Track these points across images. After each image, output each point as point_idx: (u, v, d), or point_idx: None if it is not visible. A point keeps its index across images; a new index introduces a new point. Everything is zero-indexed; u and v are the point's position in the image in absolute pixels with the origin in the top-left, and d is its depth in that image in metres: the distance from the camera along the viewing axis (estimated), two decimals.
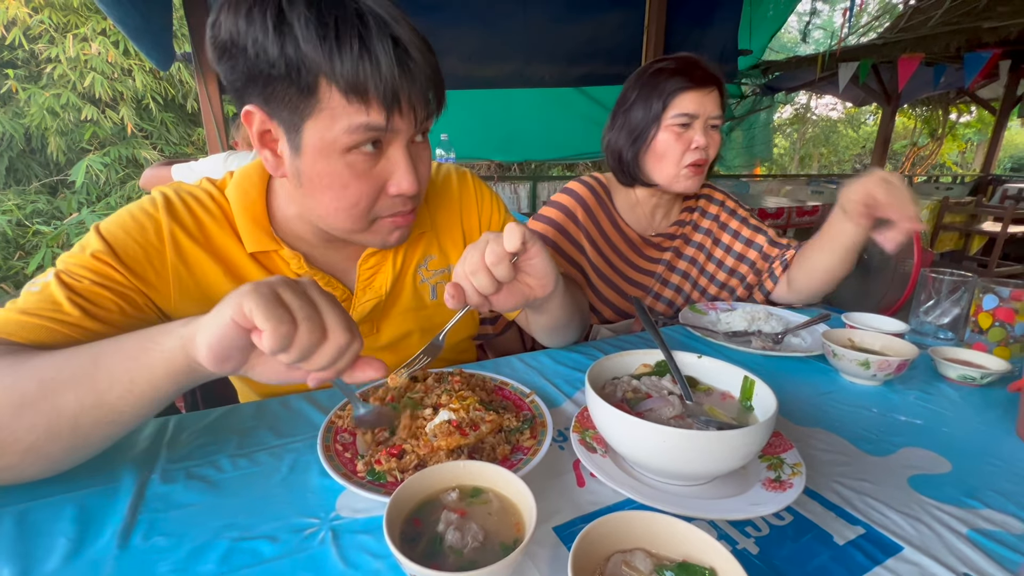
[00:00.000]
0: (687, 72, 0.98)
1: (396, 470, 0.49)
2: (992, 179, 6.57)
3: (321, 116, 0.53)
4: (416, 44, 0.53)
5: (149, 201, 0.65)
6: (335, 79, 0.51)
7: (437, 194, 0.82)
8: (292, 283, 0.43)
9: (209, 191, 0.69)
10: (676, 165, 1.02)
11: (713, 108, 1.00)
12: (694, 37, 3.84)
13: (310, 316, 0.42)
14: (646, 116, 1.01)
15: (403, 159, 0.59)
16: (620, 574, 0.37)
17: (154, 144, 5.89)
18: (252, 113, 0.56)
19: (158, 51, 2.69)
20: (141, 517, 0.45)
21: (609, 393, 0.58)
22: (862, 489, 0.51)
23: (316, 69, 0.50)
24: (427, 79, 0.55)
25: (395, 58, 0.51)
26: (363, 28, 0.50)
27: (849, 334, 0.82)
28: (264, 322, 0.40)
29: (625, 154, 1.06)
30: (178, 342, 0.44)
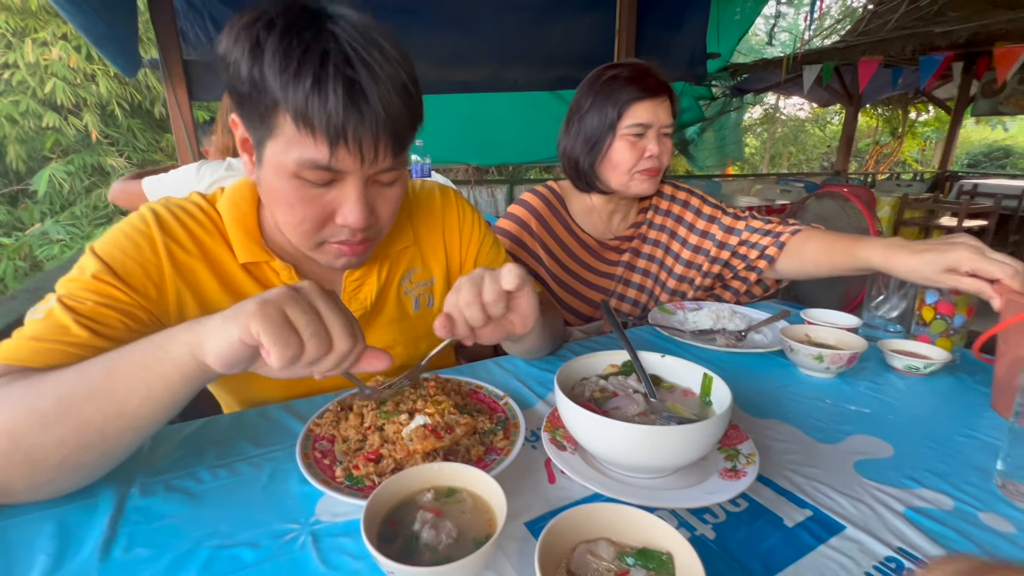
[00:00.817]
0: (640, 81, 1.01)
1: (373, 474, 0.51)
2: (949, 175, 6.87)
3: (278, 140, 0.56)
4: (382, 90, 0.54)
5: (139, 219, 0.66)
6: (287, 107, 0.53)
7: (420, 209, 0.84)
8: (297, 296, 0.45)
9: (200, 204, 0.71)
10: (629, 173, 1.05)
11: (665, 117, 1.04)
12: (664, 41, 3.93)
13: (316, 332, 0.44)
14: (601, 125, 1.04)
15: (354, 194, 0.60)
16: (585, 562, 0.39)
17: (121, 151, 5.74)
18: (236, 122, 0.62)
19: (124, 58, 2.63)
20: (121, 530, 0.46)
21: (578, 393, 0.61)
22: (811, 475, 0.55)
23: (273, 94, 0.53)
24: (383, 124, 0.55)
25: (345, 98, 0.53)
26: (320, 66, 0.52)
27: (806, 330, 0.87)
28: (272, 346, 0.42)
29: (582, 162, 1.09)
30: (186, 349, 0.46)
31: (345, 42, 0.53)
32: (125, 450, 0.50)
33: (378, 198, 0.64)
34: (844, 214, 2.03)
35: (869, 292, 0.95)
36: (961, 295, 0.81)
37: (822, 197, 2.39)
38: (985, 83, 5.98)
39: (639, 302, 1.23)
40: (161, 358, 0.47)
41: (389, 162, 0.60)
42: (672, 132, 1.07)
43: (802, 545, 0.45)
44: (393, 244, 0.78)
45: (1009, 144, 14.63)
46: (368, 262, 0.75)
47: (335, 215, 0.61)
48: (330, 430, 0.59)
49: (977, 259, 0.74)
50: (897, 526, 0.48)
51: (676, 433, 0.47)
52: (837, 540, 0.46)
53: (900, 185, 6.25)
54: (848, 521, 0.48)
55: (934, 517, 0.49)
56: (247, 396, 0.75)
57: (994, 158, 14.19)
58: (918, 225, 4.66)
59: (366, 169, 0.59)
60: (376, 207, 0.64)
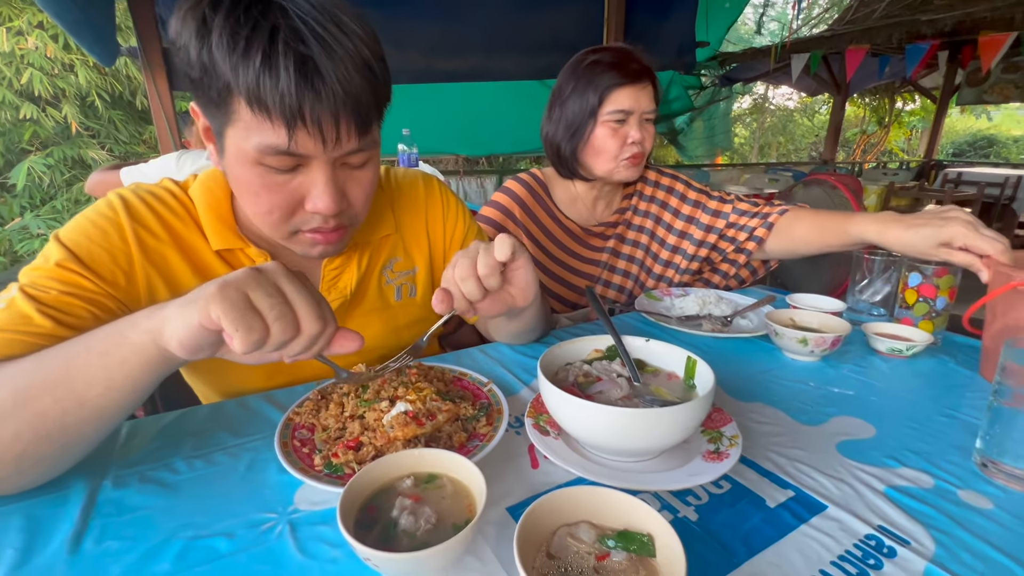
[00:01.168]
0: (622, 66, 1.00)
1: (353, 462, 0.50)
2: (934, 164, 6.95)
3: (237, 126, 0.54)
4: (339, 66, 0.51)
5: (106, 205, 0.64)
6: (240, 90, 0.51)
7: (403, 198, 0.83)
8: (260, 278, 0.43)
9: (171, 190, 0.68)
10: (614, 160, 1.04)
11: (647, 103, 1.02)
12: (653, 29, 3.91)
13: (281, 315, 0.42)
14: (582, 111, 1.02)
15: (322, 179, 0.57)
16: (565, 545, 0.39)
17: (102, 143, 5.61)
18: (196, 110, 0.59)
19: (100, 46, 2.57)
20: (92, 523, 0.45)
21: (561, 378, 0.61)
22: (794, 456, 0.55)
23: (224, 77, 0.50)
24: (343, 103, 0.52)
25: (297, 75, 0.50)
26: (270, 42, 0.49)
27: (791, 314, 0.87)
28: (234, 331, 0.40)
29: (564, 149, 1.07)
30: (147, 335, 0.44)
31: (296, 16, 0.50)
32: (89, 442, 0.49)
33: (349, 181, 0.61)
34: (831, 202, 2.04)
35: (853, 277, 0.96)
36: (944, 277, 0.81)
37: (809, 185, 2.40)
38: (970, 72, 6.03)
39: (624, 288, 1.22)
40: (120, 344, 0.45)
41: (355, 143, 0.57)
42: (655, 117, 1.06)
43: (784, 525, 0.45)
44: (374, 232, 0.77)
45: (993, 133, 14.81)
46: (348, 250, 0.74)
47: (304, 202, 0.59)
48: (310, 419, 0.58)
49: (971, 235, 0.76)
50: (877, 504, 0.48)
51: (658, 416, 0.47)
52: (818, 519, 0.46)
53: (886, 174, 6.30)
54: (829, 501, 0.48)
55: (914, 495, 0.49)
56: (226, 387, 0.74)
57: (978, 147, 14.36)
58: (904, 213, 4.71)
59: (331, 151, 0.56)
60: (348, 191, 0.61)
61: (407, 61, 3.56)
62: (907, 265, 0.85)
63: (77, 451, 0.49)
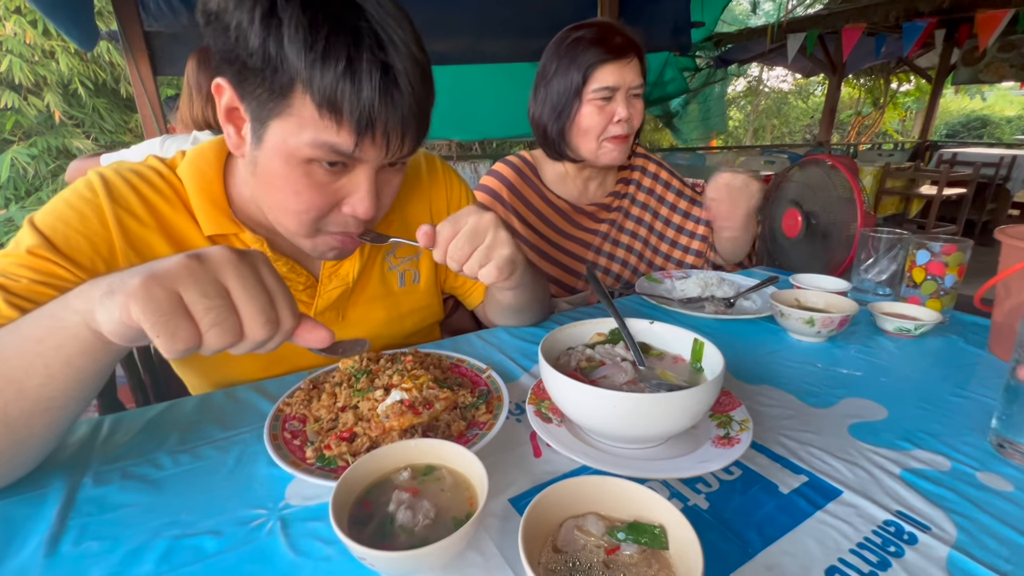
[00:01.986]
0: (605, 42, 0.96)
1: (347, 454, 0.48)
2: (929, 145, 6.92)
3: (289, 120, 0.50)
4: (411, 74, 0.50)
5: (85, 185, 0.59)
6: (311, 90, 0.48)
7: (406, 181, 0.79)
8: (198, 272, 0.36)
9: (157, 169, 0.64)
10: (597, 139, 1.02)
11: (634, 78, 0.99)
12: (647, 9, 3.82)
13: (217, 321, 0.36)
14: (567, 90, 1.00)
15: (366, 183, 0.56)
16: (572, 539, 0.37)
17: (87, 132, 5.49)
18: (223, 88, 0.54)
19: (79, 29, 2.48)
20: (71, 523, 0.43)
21: (564, 363, 0.58)
22: (806, 440, 0.53)
23: (294, 74, 0.47)
24: (411, 112, 0.52)
25: (380, 86, 0.48)
26: (355, 47, 0.47)
27: (796, 294, 0.85)
28: (154, 336, 0.35)
29: (550, 129, 1.05)
30: (79, 319, 0.40)
31: (375, 19, 0.48)
32: (44, 439, 0.45)
33: (385, 186, 0.60)
34: (830, 181, 2.01)
35: (858, 256, 0.93)
36: (953, 254, 0.79)
37: (806, 166, 2.37)
38: (966, 51, 5.96)
39: (621, 276, 1.21)
40: (54, 328, 0.41)
41: (409, 151, 0.56)
42: (643, 92, 1.03)
43: (799, 512, 0.44)
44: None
45: (987, 113, 14.79)
46: None
47: (342, 204, 0.57)
48: (301, 410, 0.55)
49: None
50: (894, 489, 0.46)
51: (666, 400, 0.44)
52: (834, 505, 0.44)
53: (881, 155, 6.28)
54: (844, 486, 0.46)
55: (931, 478, 0.48)
56: (218, 378, 0.71)
57: (972, 128, 14.34)
58: (899, 194, 4.69)
59: (388, 157, 0.54)
60: (381, 195, 0.60)
61: None
62: (915, 243, 0.83)
63: (32, 448, 0.45)
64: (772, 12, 8.64)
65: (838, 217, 2.04)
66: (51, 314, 0.41)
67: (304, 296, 0.70)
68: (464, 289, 0.88)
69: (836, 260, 1.97)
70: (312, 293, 0.70)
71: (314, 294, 0.71)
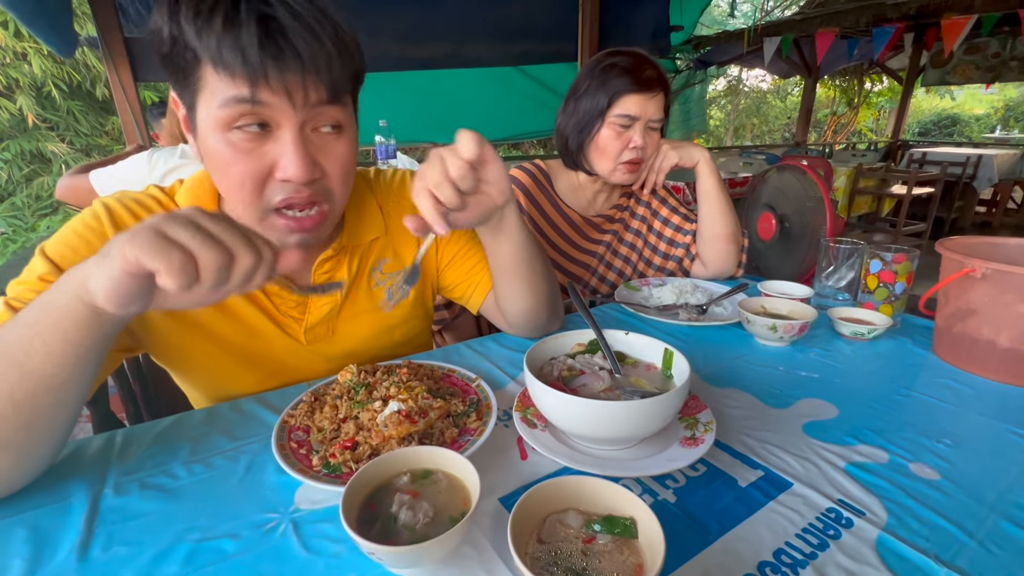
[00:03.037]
0: (635, 73, 1.03)
1: (351, 461, 0.52)
2: (901, 144, 7.14)
3: (204, 93, 0.55)
4: (303, 26, 0.52)
5: (91, 215, 0.64)
6: (205, 53, 0.52)
7: (392, 198, 0.82)
8: (173, 216, 0.42)
9: (157, 197, 0.69)
10: (614, 160, 1.09)
11: (655, 111, 1.07)
12: (627, 13, 3.89)
13: (204, 243, 0.42)
14: (592, 110, 1.07)
15: (291, 142, 0.56)
16: (555, 531, 0.42)
17: (62, 136, 5.39)
18: (176, 100, 0.60)
19: (57, 36, 2.46)
20: (98, 530, 0.47)
21: (547, 373, 0.63)
22: (764, 438, 0.59)
23: (192, 45, 0.52)
24: (310, 62, 0.53)
25: (260, 32, 0.51)
26: (232, 6, 0.51)
27: (762, 302, 0.92)
28: (156, 266, 0.40)
29: (571, 142, 1.12)
30: (72, 295, 0.44)
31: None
32: (53, 423, 0.49)
33: (322, 151, 0.59)
34: (802, 187, 2.10)
35: (820, 264, 1.00)
36: (902, 263, 0.87)
37: (782, 171, 2.46)
38: (934, 53, 6.18)
39: (615, 286, 1.27)
40: (49, 310, 0.45)
41: (325, 101, 0.56)
42: (661, 125, 1.11)
43: (754, 503, 0.49)
44: (364, 235, 0.78)
45: (956, 112, 15.26)
46: (339, 255, 0.75)
47: (275, 170, 0.57)
48: (305, 420, 0.60)
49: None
50: (838, 480, 0.53)
51: (638, 407, 0.50)
52: (785, 496, 0.50)
53: (855, 155, 6.45)
54: (795, 478, 0.53)
55: (870, 470, 0.54)
56: (217, 391, 0.75)
57: (943, 126, 14.80)
58: (872, 193, 4.85)
59: (299, 113, 0.55)
60: (320, 160, 0.59)
61: (380, 49, 3.49)
62: (869, 252, 0.90)
63: (42, 436, 0.49)
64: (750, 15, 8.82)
65: (810, 221, 2.13)
66: (45, 300, 0.46)
67: (295, 312, 0.73)
68: (463, 292, 0.87)
69: (808, 263, 2.06)
70: (303, 310, 0.74)
71: (304, 311, 0.74)
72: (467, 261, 0.85)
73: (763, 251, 2.22)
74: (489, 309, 0.87)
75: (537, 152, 6.74)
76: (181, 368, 0.74)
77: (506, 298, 0.80)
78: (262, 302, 0.72)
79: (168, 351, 0.71)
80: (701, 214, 1.18)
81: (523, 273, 0.76)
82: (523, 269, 0.75)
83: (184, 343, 0.70)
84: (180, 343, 0.70)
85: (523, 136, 5.10)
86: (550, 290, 0.81)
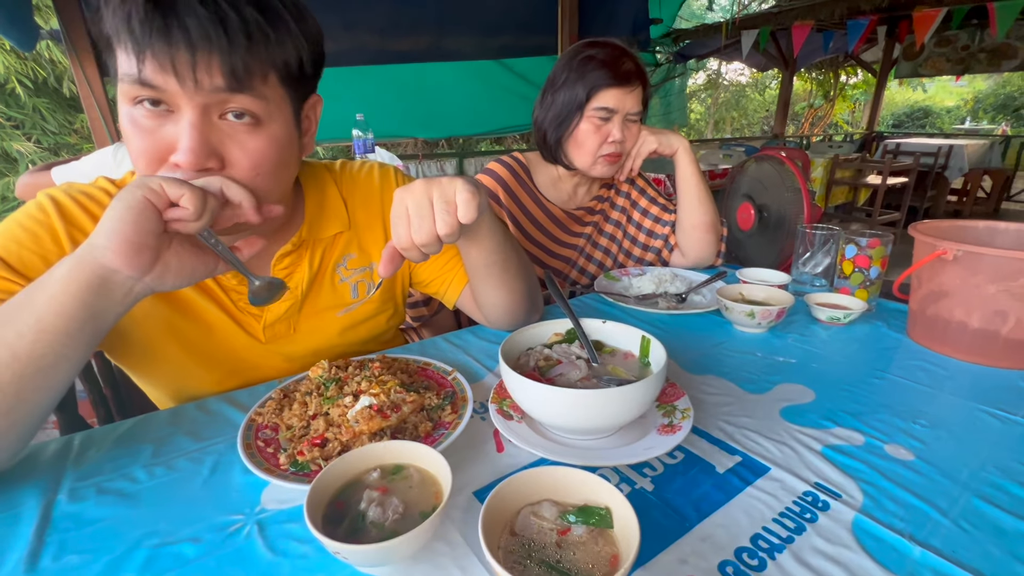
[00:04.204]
0: (614, 66, 1.02)
1: (319, 459, 0.51)
2: (875, 136, 7.28)
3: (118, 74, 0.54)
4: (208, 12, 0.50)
5: (36, 207, 0.61)
6: (108, 27, 0.51)
7: (357, 192, 0.79)
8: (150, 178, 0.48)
9: (106, 189, 0.65)
10: (593, 154, 1.08)
11: (633, 104, 1.05)
12: (607, 6, 3.89)
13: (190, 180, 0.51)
14: (570, 103, 1.05)
15: (187, 125, 0.52)
16: (529, 523, 0.41)
17: (27, 135, 5.20)
18: None
19: (17, 29, 2.36)
20: (49, 539, 0.44)
21: (523, 363, 0.62)
22: (742, 424, 0.59)
23: (105, 27, 0.51)
24: (202, 39, 0.50)
25: (146, 10, 0.49)
26: None
27: (740, 289, 0.92)
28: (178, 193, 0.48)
29: (549, 136, 1.10)
30: (74, 261, 0.47)
31: None
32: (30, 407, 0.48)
33: (228, 140, 0.55)
34: (779, 177, 2.12)
35: (797, 250, 1.01)
36: (876, 248, 0.87)
37: (761, 161, 2.48)
38: (906, 46, 6.30)
39: (595, 277, 1.26)
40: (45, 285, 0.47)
41: (219, 83, 0.52)
42: (640, 118, 1.09)
43: (732, 488, 0.49)
44: (325, 229, 0.75)
45: (928, 104, 15.64)
46: (299, 249, 0.72)
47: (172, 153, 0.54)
48: (273, 418, 0.58)
49: None
50: (815, 463, 0.52)
51: (613, 394, 0.49)
52: (763, 481, 0.50)
53: (832, 146, 6.55)
54: (772, 463, 0.52)
55: (846, 452, 0.54)
56: (179, 391, 0.72)
57: (915, 118, 15.16)
58: (848, 184, 4.94)
59: (197, 95, 0.52)
60: (225, 152, 0.55)
61: (358, 42, 3.43)
62: (844, 238, 0.90)
63: (19, 422, 0.48)
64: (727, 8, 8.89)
65: (788, 210, 2.15)
66: (41, 279, 0.48)
67: (254, 309, 0.71)
68: (438, 287, 0.85)
69: (787, 252, 2.09)
70: (262, 307, 0.71)
71: (263, 308, 0.71)
72: (440, 256, 0.83)
73: (743, 240, 2.23)
74: (466, 303, 0.85)
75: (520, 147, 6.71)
76: (139, 367, 0.71)
77: (482, 296, 0.79)
78: (220, 298, 0.69)
79: (125, 349, 0.68)
80: (680, 203, 1.18)
81: (497, 273, 0.74)
82: (497, 269, 0.74)
83: (141, 340, 0.67)
84: (137, 340, 0.67)
85: (504, 131, 5.07)
86: (527, 285, 0.80)
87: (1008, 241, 0.79)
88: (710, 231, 1.15)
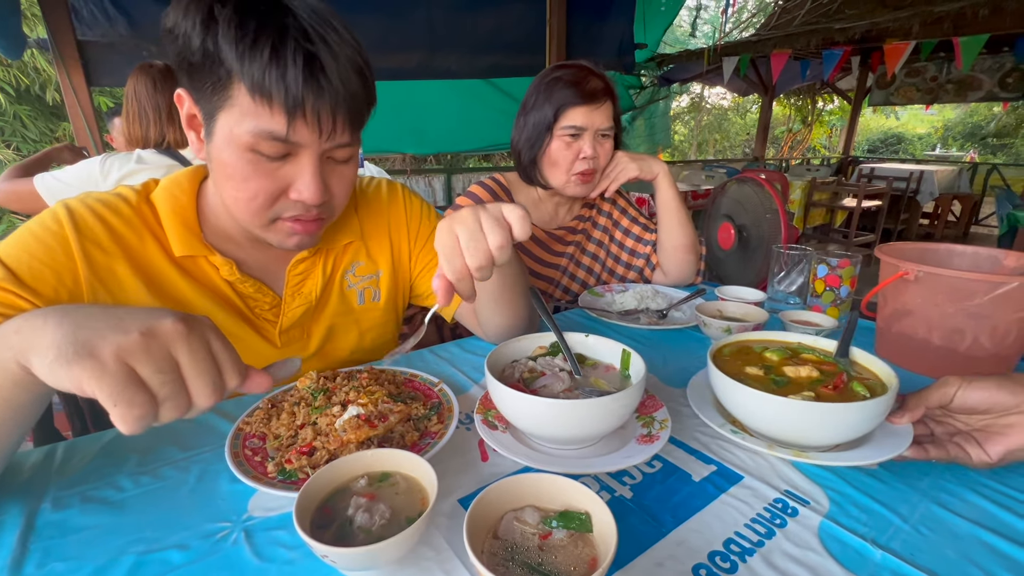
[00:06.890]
0: (579, 86, 1.06)
1: (307, 467, 0.52)
2: (851, 160, 7.54)
3: (232, 111, 0.56)
4: (338, 63, 0.55)
5: (51, 217, 0.62)
6: (244, 79, 0.53)
7: (367, 204, 0.84)
8: (152, 347, 0.37)
9: (126, 197, 0.67)
10: (567, 173, 1.11)
11: (602, 121, 1.09)
12: (593, 31, 4.02)
13: (171, 395, 0.38)
14: (541, 123, 1.09)
15: (309, 168, 0.60)
16: (512, 528, 0.42)
17: (7, 142, 5.13)
18: (183, 97, 0.61)
19: (4, 38, 2.35)
20: (33, 546, 0.44)
21: (508, 375, 0.64)
22: (717, 435, 0.61)
23: (230, 66, 0.53)
24: (341, 99, 0.57)
25: (304, 71, 0.53)
26: (279, 38, 0.53)
27: (718, 305, 0.95)
28: (112, 406, 0.36)
29: (524, 156, 1.13)
30: (11, 354, 0.39)
31: (303, 18, 0.54)
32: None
33: (332, 175, 0.64)
34: (758, 199, 2.19)
35: (772, 270, 1.05)
36: (846, 268, 0.91)
37: (742, 183, 2.56)
38: (879, 76, 6.58)
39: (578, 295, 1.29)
40: None
41: (346, 137, 0.60)
42: (612, 133, 1.13)
43: (707, 496, 0.51)
44: (339, 238, 0.79)
45: (901, 131, 16.28)
46: (313, 256, 0.75)
47: (289, 190, 0.61)
48: (261, 428, 0.58)
49: None
50: (785, 472, 0.55)
51: (594, 405, 0.51)
52: (736, 489, 0.52)
53: (810, 170, 6.77)
54: (745, 472, 0.55)
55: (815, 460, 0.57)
56: None
57: (889, 144, 15.75)
58: (824, 206, 5.09)
59: (323, 143, 0.59)
60: (330, 184, 0.63)
61: None
62: (816, 258, 0.95)
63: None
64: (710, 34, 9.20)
65: (767, 231, 2.22)
66: None
67: (270, 315, 0.74)
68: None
69: (765, 271, 2.15)
70: (277, 312, 0.75)
71: (279, 312, 0.75)
72: None
73: (723, 259, 2.29)
74: (465, 316, 0.87)
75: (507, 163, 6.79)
76: None
77: (487, 317, 0.82)
78: (237, 305, 0.72)
79: None
80: (661, 226, 1.21)
81: (508, 297, 0.78)
82: (508, 294, 0.78)
83: None
84: None
85: (492, 148, 5.14)
86: (528, 306, 0.83)
87: (965, 263, 0.84)
88: (690, 252, 1.19)
